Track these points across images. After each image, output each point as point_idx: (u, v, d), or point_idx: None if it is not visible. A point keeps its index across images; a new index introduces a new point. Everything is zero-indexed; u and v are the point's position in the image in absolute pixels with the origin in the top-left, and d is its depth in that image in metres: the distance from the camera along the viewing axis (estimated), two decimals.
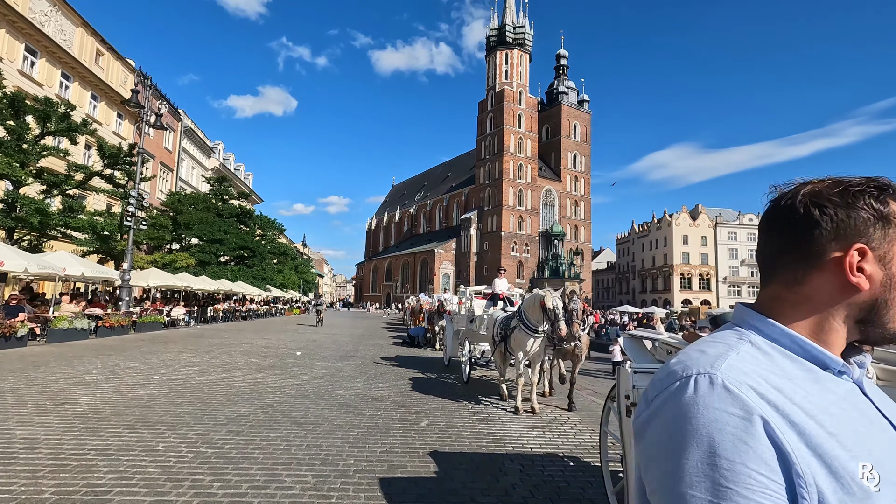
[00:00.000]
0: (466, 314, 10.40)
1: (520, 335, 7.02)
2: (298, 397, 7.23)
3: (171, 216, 30.59)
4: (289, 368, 10.19)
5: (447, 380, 9.80)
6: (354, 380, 9.16)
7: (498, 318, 8.01)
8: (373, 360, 12.26)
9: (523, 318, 7.01)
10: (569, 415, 7.03)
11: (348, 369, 10.53)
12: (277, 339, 17.21)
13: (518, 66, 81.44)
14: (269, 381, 8.48)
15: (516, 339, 7.08)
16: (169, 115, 41.72)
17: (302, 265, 50.37)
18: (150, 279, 19.25)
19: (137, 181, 17.06)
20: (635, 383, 2.72)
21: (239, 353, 12.59)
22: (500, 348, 7.72)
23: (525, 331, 6.95)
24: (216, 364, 10.31)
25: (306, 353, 13.38)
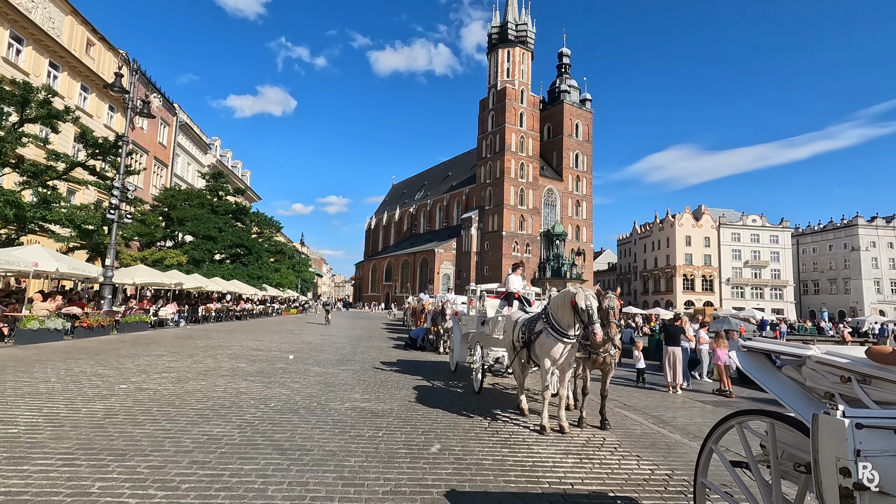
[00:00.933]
0: (477, 315, 9.35)
1: (547, 340, 5.96)
2: (285, 412, 6.17)
3: (163, 212, 29.53)
4: (278, 375, 9.12)
5: (455, 388, 8.75)
6: (352, 389, 8.09)
7: (519, 321, 6.95)
8: (372, 366, 11.19)
9: (551, 321, 5.96)
10: (603, 435, 5.97)
11: (345, 376, 9.47)
12: (270, 341, 16.13)
13: (520, 64, 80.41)
14: (253, 392, 7.40)
15: (542, 345, 6.03)
16: (164, 108, 40.70)
17: (299, 264, 49.27)
18: (136, 276, 18.16)
19: (122, 172, 15.97)
20: (864, 447, 1.65)
21: (226, 356, 11.51)
22: (522, 355, 6.67)
23: (553, 335, 5.90)
24: (197, 370, 9.23)
25: (300, 356, 12.31)
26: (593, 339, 5.44)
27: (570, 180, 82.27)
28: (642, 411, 7.79)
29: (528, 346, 6.40)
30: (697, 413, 7.93)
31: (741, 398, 9.57)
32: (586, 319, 5.49)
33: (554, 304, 6.04)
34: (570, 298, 5.67)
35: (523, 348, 6.55)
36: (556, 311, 5.96)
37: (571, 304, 5.65)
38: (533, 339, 6.25)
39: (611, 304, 5.88)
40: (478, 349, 8.61)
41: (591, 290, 5.73)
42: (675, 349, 9.62)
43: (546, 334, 6.00)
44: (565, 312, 5.81)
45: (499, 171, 76.28)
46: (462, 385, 9.21)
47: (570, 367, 6.18)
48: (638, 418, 7.05)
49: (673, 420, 7.20)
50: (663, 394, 9.66)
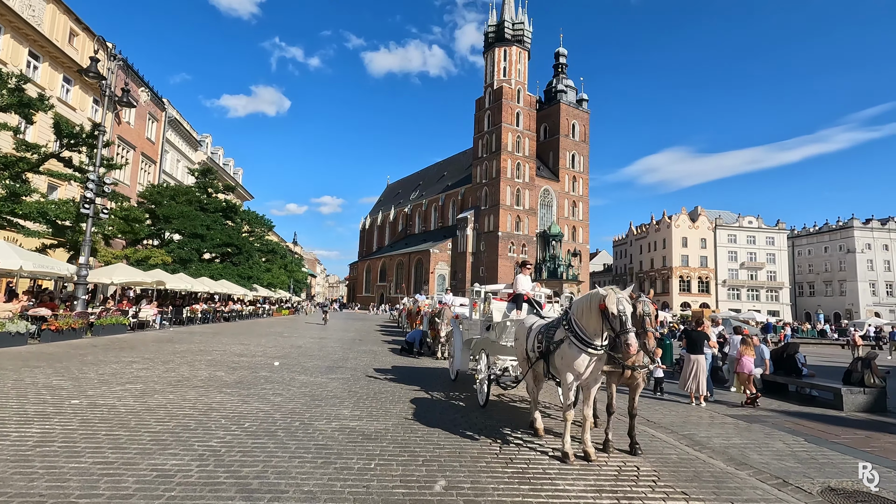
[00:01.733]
0: (481, 319, 8.43)
1: (570, 351, 5.05)
2: (260, 436, 5.22)
3: (149, 209, 28.42)
4: (259, 386, 8.15)
5: (457, 401, 7.83)
6: (341, 403, 7.15)
7: (534, 327, 6.04)
8: (364, 374, 10.25)
9: (574, 328, 5.05)
10: (636, 463, 5.07)
11: (334, 386, 8.52)
12: (257, 345, 15.14)
13: (517, 64, 79.71)
14: (227, 407, 6.45)
15: (564, 357, 5.12)
16: (152, 103, 39.52)
17: (291, 264, 48.17)
18: (114, 276, 17.09)
19: (97, 163, 14.91)
20: None
21: (204, 363, 10.52)
22: (539, 368, 5.76)
23: (577, 345, 4.99)
24: (169, 380, 8.25)
25: (286, 363, 11.33)
26: (626, 351, 4.54)
27: (567, 181, 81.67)
28: (669, 429, 6.90)
29: (546, 357, 5.49)
30: (732, 430, 7.05)
31: (770, 411, 8.72)
32: (618, 327, 4.59)
33: (578, 308, 5.14)
34: (599, 302, 4.77)
35: (540, 359, 5.64)
36: (581, 317, 5.05)
37: (600, 309, 4.75)
38: (552, 350, 5.34)
39: (646, 310, 4.99)
40: (483, 357, 7.70)
41: (623, 292, 4.83)
42: (698, 357, 8.75)
43: (568, 344, 5.09)
44: (592, 318, 4.91)
45: (495, 170, 75.49)
46: (465, 396, 8.29)
47: (596, 383, 5.28)
48: (668, 438, 6.16)
49: (708, 441, 6.32)
50: (686, 406, 8.78)
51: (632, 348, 4.46)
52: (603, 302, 4.71)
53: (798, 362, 10.22)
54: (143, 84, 38.01)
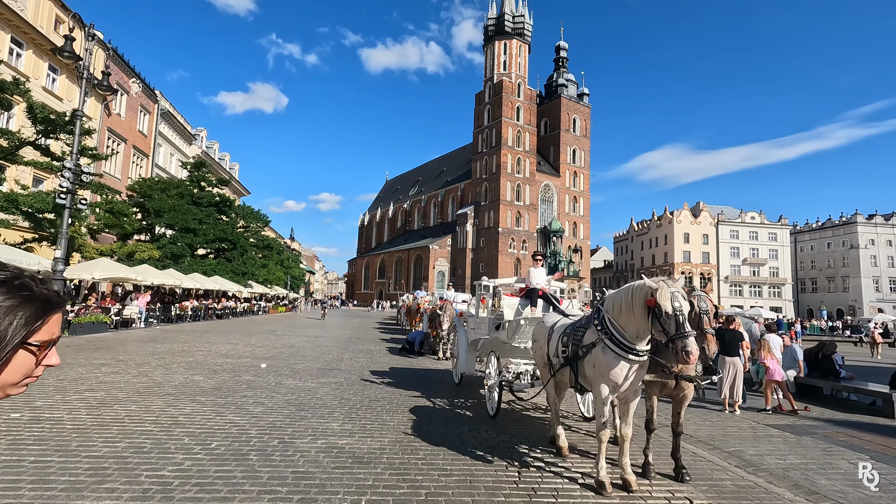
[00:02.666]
0: (490, 317, 7.49)
1: (605, 358, 4.12)
2: (227, 460, 4.28)
3: (138, 202, 27.43)
4: (239, 393, 7.22)
5: (463, 410, 6.90)
6: (330, 414, 6.22)
7: (556, 326, 5.10)
8: (359, 377, 9.31)
9: (609, 330, 4.12)
10: (686, 493, 4.14)
11: (324, 392, 7.59)
12: (246, 345, 14.21)
13: (517, 57, 78.56)
14: (196, 421, 5.51)
15: (598, 364, 4.18)
16: (143, 95, 38.46)
17: (288, 260, 47.15)
18: (96, 271, 16.12)
19: (75, 150, 13.93)
20: None
21: (183, 365, 9.58)
22: (565, 376, 4.83)
23: (614, 350, 4.06)
24: (136, 386, 7.32)
25: (275, 364, 10.40)
26: (685, 359, 3.59)
27: (568, 176, 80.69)
28: (710, 443, 5.98)
29: (574, 363, 4.55)
30: (783, 446, 6.12)
31: (813, 419, 7.80)
32: (673, 329, 3.64)
33: (614, 304, 4.19)
34: (646, 297, 3.82)
35: (565, 366, 4.70)
36: (619, 315, 4.11)
37: (647, 306, 3.80)
38: (581, 355, 4.40)
39: (703, 307, 4.06)
40: (492, 360, 6.76)
41: (676, 284, 3.88)
42: (734, 360, 7.81)
43: (602, 348, 4.16)
44: (635, 317, 3.96)
45: (495, 165, 74.46)
46: (471, 403, 7.37)
47: (636, 396, 4.35)
48: (713, 457, 5.23)
49: (761, 460, 5.39)
50: (719, 414, 7.85)
51: (692, 356, 3.52)
52: (652, 296, 3.77)
53: (835, 363, 9.30)
54: (135, 75, 36.92)
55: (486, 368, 6.95)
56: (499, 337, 7.10)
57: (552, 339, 5.08)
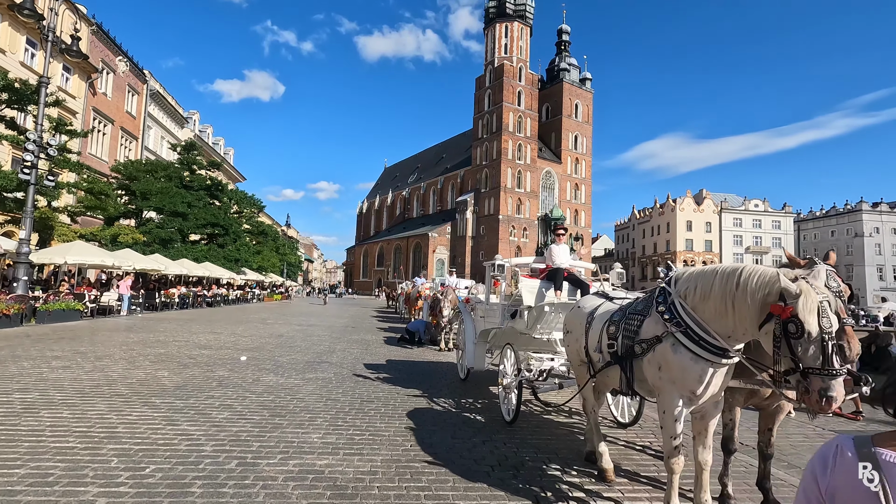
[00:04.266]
0: (503, 303, 6.32)
1: (677, 359, 2.95)
2: (160, 493, 3.13)
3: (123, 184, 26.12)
4: (206, 392, 6.07)
5: (473, 413, 5.77)
6: (311, 421, 5.07)
7: (598, 314, 3.92)
8: (351, 372, 8.17)
9: (685, 321, 2.95)
10: None
11: (308, 392, 6.45)
12: (231, 334, 13.07)
13: (518, 40, 76.62)
14: (139, 432, 4.36)
15: (668, 366, 3.01)
16: (131, 74, 36.91)
17: (284, 246, 45.93)
18: (69, 255, 14.91)
19: (40, 121, 12.64)
20: None
21: (151, 358, 8.43)
22: (613, 378, 3.66)
23: (691, 349, 2.89)
24: (84, 385, 6.17)
25: (257, 356, 9.26)
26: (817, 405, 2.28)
27: (569, 163, 79.19)
28: (783, 459, 4.84)
29: (625, 362, 3.38)
30: None
31: (880, 422, 6.72)
32: (814, 361, 2.28)
33: (697, 288, 2.97)
34: (775, 297, 2.51)
35: (616, 363, 3.52)
36: (705, 305, 2.91)
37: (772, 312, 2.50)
38: (639, 353, 3.22)
39: (835, 287, 2.89)
40: (508, 355, 5.61)
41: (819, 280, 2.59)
42: None
43: (673, 346, 2.98)
44: (736, 315, 2.72)
45: (495, 151, 72.95)
46: (481, 405, 6.24)
47: (716, 410, 3.19)
48: (797, 481, 4.11)
49: None
50: None
51: (834, 403, 2.26)
52: (787, 303, 2.42)
53: (893, 356, 8.19)
54: (121, 53, 35.36)
55: (501, 364, 5.80)
56: (515, 326, 5.95)
57: (592, 328, 3.91)
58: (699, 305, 2.97)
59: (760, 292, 2.64)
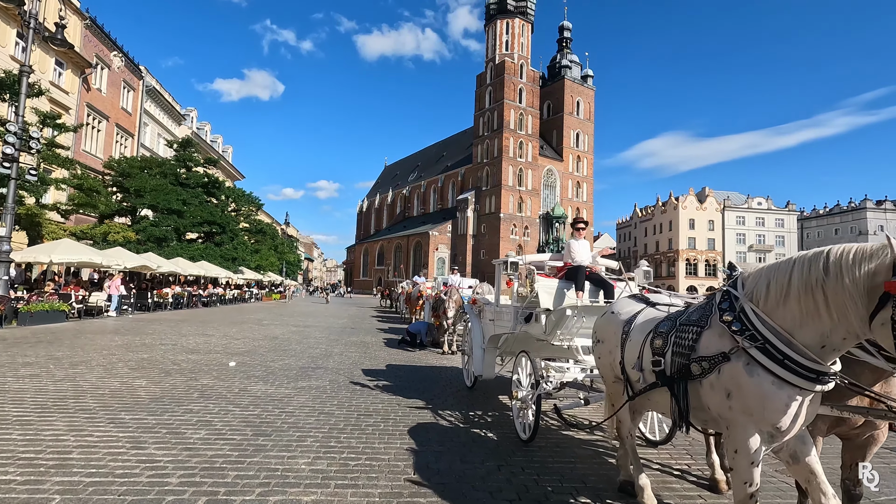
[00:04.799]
0: (516, 305, 5.65)
1: (753, 383, 2.30)
2: None
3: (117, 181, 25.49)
4: (185, 406, 5.43)
5: (484, 430, 5.12)
6: (300, 442, 4.42)
7: (638, 322, 3.27)
8: (348, 379, 7.53)
9: (762, 333, 2.31)
10: None
11: (299, 404, 5.81)
12: (223, 336, 12.44)
13: (519, 37, 75.91)
14: (93, 459, 3.72)
15: (742, 393, 2.35)
16: (127, 70, 36.25)
17: (283, 245, 45.27)
18: (54, 253, 14.26)
19: (21, 112, 12.01)
20: None
21: (132, 364, 7.79)
22: (659, 400, 3.01)
23: (773, 371, 2.25)
24: (46, 397, 5.53)
25: (248, 361, 8.62)
26: None
27: (571, 160, 78.51)
28: None
29: (679, 385, 2.72)
30: None
31: None
32: None
33: (775, 285, 2.35)
34: (887, 273, 1.93)
35: (658, 387, 2.87)
36: (785, 308, 2.29)
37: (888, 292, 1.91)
38: (699, 373, 2.58)
39: None
40: (524, 364, 4.97)
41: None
42: None
43: (748, 366, 2.34)
44: (830, 310, 2.12)
45: (497, 149, 72.25)
46: (492, 418, 5.60)
47: (808, 446, 2.54)
48: None
49: None
50: None
51: None
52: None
53: None
54: (116, 48, 34.69)
55: (514, 373, 5.16)
56: (530, 331, 5.31)
57: (630, 340, 3.25)
58: (778, 309, 2.33)
59: (863, 269, 2.00)
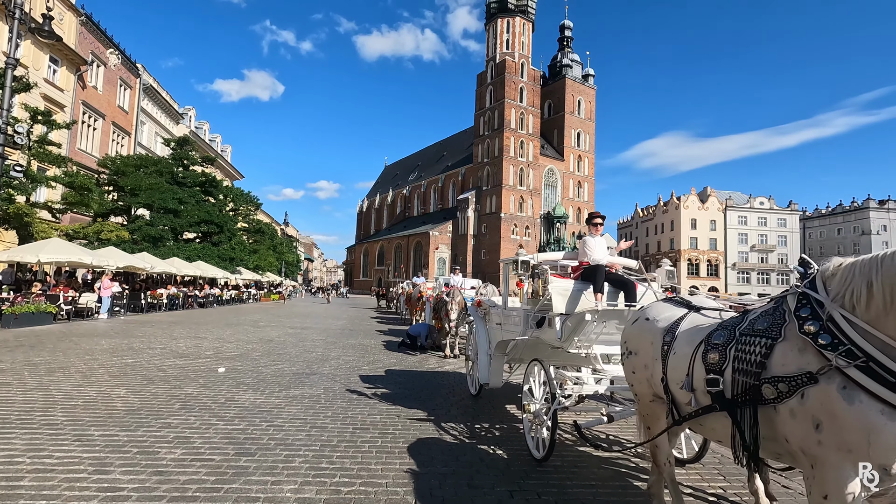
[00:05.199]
0: (526, 308, 5.15)
1: (858, 413, 1.81)
2: None
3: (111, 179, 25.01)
4: (164, 418, 4.95)
5: (492, 446, 4.62)
6: (287, 463, 3.93)
7: (683, 329, 2.77)
8: (345, 386, 7.04)
9: (869, 352, 1.82)
10: None
11: (290, 416, 5.32)
12: (215, 339, 11.95)
13: (520, 36, 75.43)
14: (45, 488, 3.23)
15: (841, 425, 1.86)
16: (123, 67, 35.78)
17: (282, 245, 44.77)
18: (42, 253, 13.76)
19: (5, 106, 11.52)
20: None
21: (112, 371, 7.30)
22: (714, 426, 2.50)
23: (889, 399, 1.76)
24: (13, 409, 5.04)
25: (239, 367, 8.13)
26: None
27: (572, 160, 78.01)
28: None
29: (745, 411, 2.21)
30: None
31: None
32: None
33: (880, 282, 1.89)
34: None
35: (717, 410, 2.37)
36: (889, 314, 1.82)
37: None
38: (772, 398, 2.07)
39: None
40: (536, 373, 4.48)
41: None
42: None
43: (847, 393, 1.84)
44: None
45: (497, 149, 71.76)
46: (499, 431, 5.10)
47: None
48: None
49: None
50: None
51: None
52: None
53: None
54: (113, 45, 34.22)
55: (525, 384, 4.67)
56: (542, 337, 4.81)
57: (675, 352, 2.75)
58: (886, 318, 1.84)
59: None
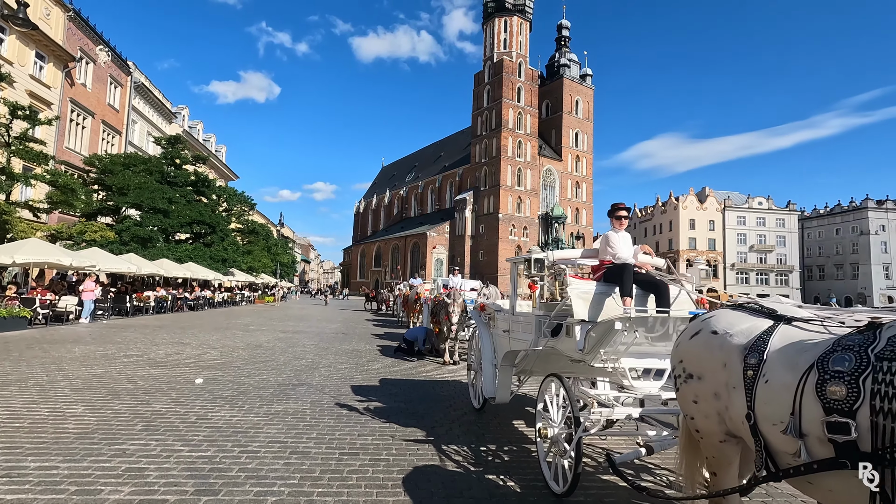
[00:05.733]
0: (538, 314, 4.47)
1: None
2: None
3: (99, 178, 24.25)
4: (120, 443, 4.25)
5: (503, 475, 3.94)
6: (259, 501, 3.25)
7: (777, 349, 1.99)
8: (334, 400, 6.35)
9: None
10: None
11: (267, 438, 4.63)
12: (199, 345, 11.24)
13: (518, 35, 74.92)
14: None
15: None
16: (113, 65, 35.00)
17: (276, 246, 44.00)
18: (18, 253, 13.00)
19: None
20: None
21: (76, 383, 6.60)
22: (843, 490, 1.70)
23: None
24: None
25: (217, 379, 7.43)
26: None
27: (570, 160, 77.51)
28: None
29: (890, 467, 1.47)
30: None
31: None
32: None
33: None
34: None
35: (848, 468, 1.61)
36: None
37: None
38: None
39: None
40: (554, 392, 3.81)
41: None
42: None
43: None
44: None
45: (495, 149, 71.17)
46: (508, 456, 4.43)
47: None
48: None
49: None
50: None
51: None
52: None
53: None
54: (102, 42, 33.44)
55: (540, 403, 4.00)
56: (559, 347, 4.12)
57: (768, 380, 1.97)
58: None
59: None
